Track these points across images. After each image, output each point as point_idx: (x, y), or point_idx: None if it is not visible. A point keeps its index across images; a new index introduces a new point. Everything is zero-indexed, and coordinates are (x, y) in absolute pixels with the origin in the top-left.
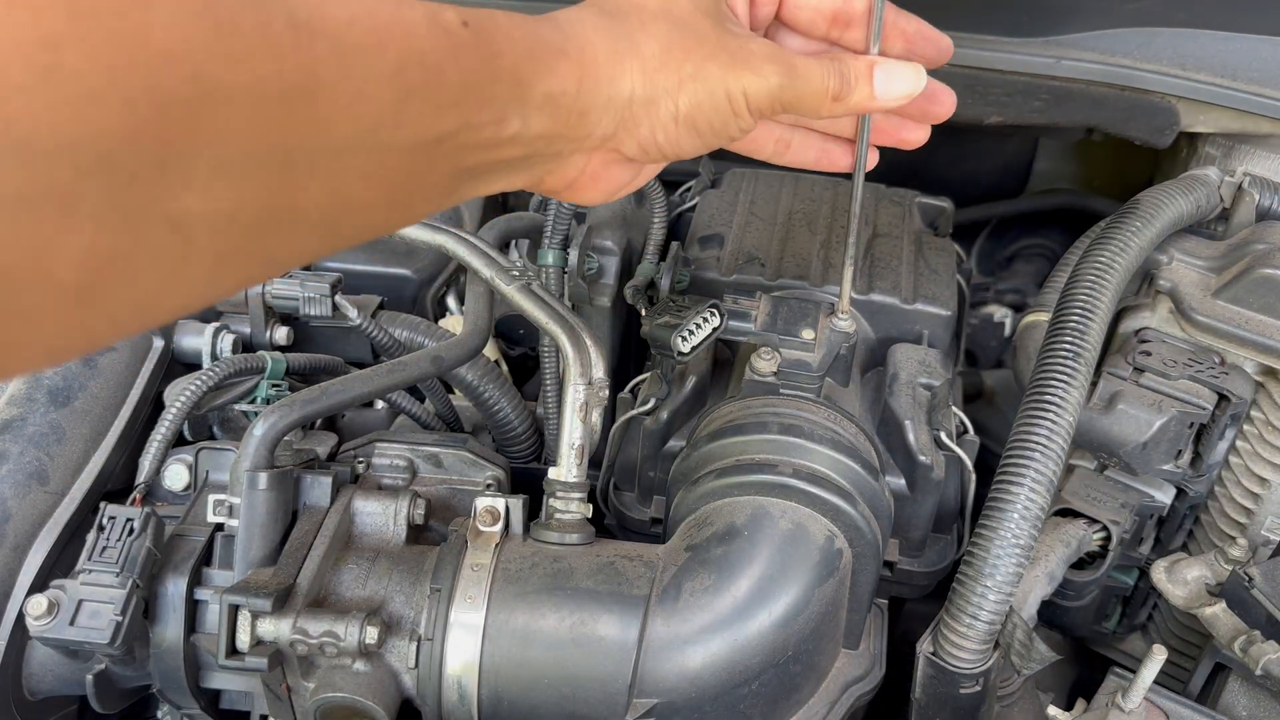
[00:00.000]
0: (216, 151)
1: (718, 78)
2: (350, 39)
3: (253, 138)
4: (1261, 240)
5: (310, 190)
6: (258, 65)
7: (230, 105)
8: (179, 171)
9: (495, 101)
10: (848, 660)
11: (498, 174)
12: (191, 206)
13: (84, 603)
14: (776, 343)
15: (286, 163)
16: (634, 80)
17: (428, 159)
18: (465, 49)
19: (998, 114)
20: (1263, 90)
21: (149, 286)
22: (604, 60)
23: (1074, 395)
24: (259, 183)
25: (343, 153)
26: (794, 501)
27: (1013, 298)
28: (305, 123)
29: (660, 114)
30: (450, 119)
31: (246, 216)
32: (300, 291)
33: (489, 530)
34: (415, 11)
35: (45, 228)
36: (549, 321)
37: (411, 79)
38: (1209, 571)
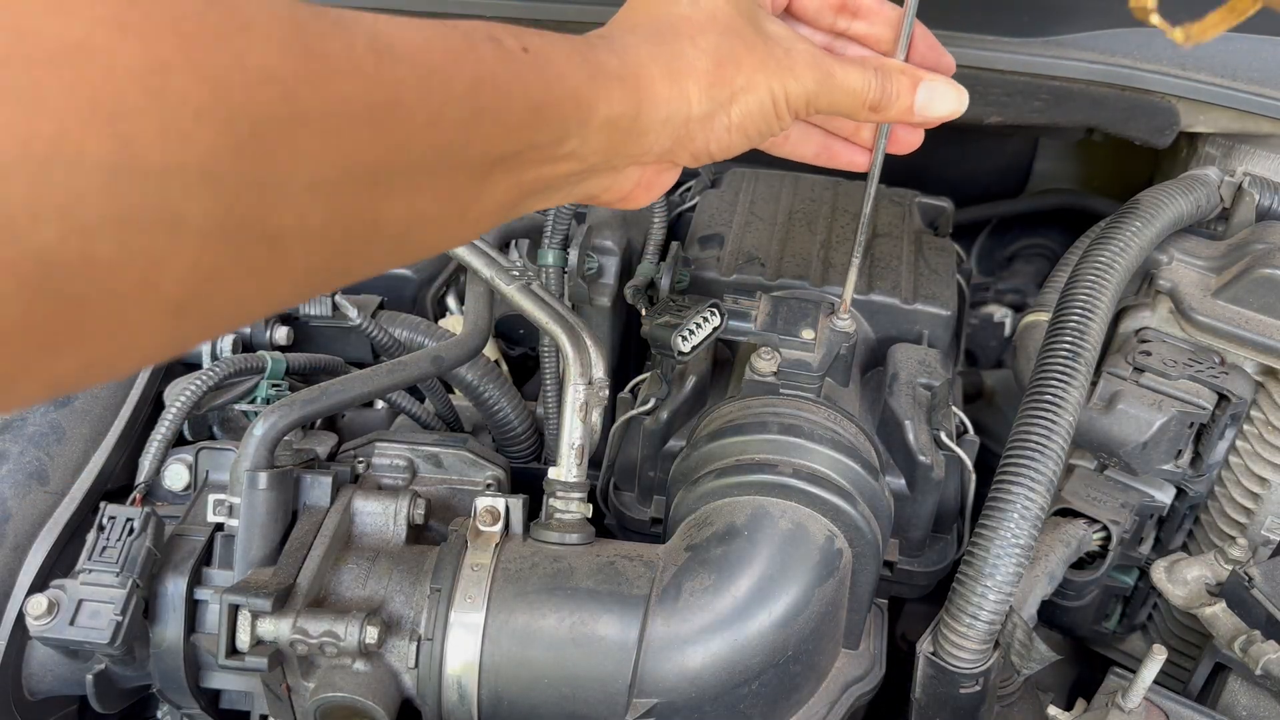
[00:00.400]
0: (310, 170)
1: (764, 85)
2: (427, 61)
3: (342, 156)
4: (1261, 240)
5: (391, 206)
6: (344, 86)
7: (321, 124)
8: (276, 190)
9: (557, 123)
10: (848, 660)
11: (556, 190)
12: (287, 224)
13: (84, 603)
14: (776, 343)
15: (372, 180)
16: (690, 99)
17: (493, 176)
18: (530, 72)
19: (998, 114)
20: (1263, 90)
21: (243, 298)
22: (660, 82)
23: (1074, 395)
24: (348, 200)
25: (421, 170)
26: (794, 501)
27: (1013, 298)
28: (389, 141)
29: (715, 127)
30: (516, 139)
31: (335, 232)
32: None
33: (489, 530)
34: (479, 34)
35: (156, 245)
36: (549, 321)
37: (483, 100)
38: (1209, 571)
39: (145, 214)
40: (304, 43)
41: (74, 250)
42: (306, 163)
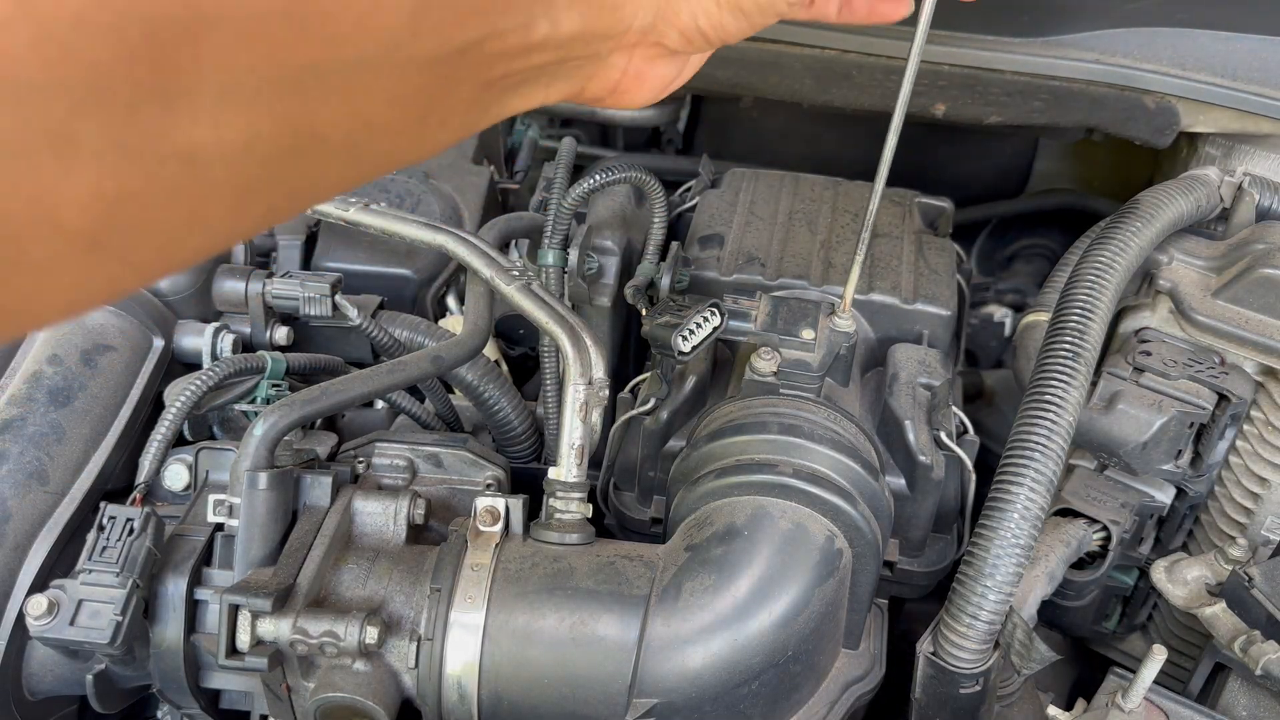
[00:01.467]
0: (221, 77)
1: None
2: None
3: (258, 60)
4: (1261, 240)
5: (327, 113)
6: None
7: (230, 25)
8: (182, 101)
9: (520, 4)
10: (848, 660)
11: (532, 85)
12: (203, 138)
13: (84, 603)
14: (776, 343)
15: (298, 85)
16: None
17: (452, 72)
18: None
19: (998, 114)
20: (1263, 90)
21: (168, 227)
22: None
23: (1074, 395)
24: (271, 108)
25: (358, 70)
26: (794, 501)
27: (1013, 298)
28: (315, 40)
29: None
30: (472, 27)
31: (263, 145)
32: (300, 291)
33: (489, 530)
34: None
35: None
36: (549, 321)
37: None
38: (1209, 571)
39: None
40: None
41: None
42: (216, 69)
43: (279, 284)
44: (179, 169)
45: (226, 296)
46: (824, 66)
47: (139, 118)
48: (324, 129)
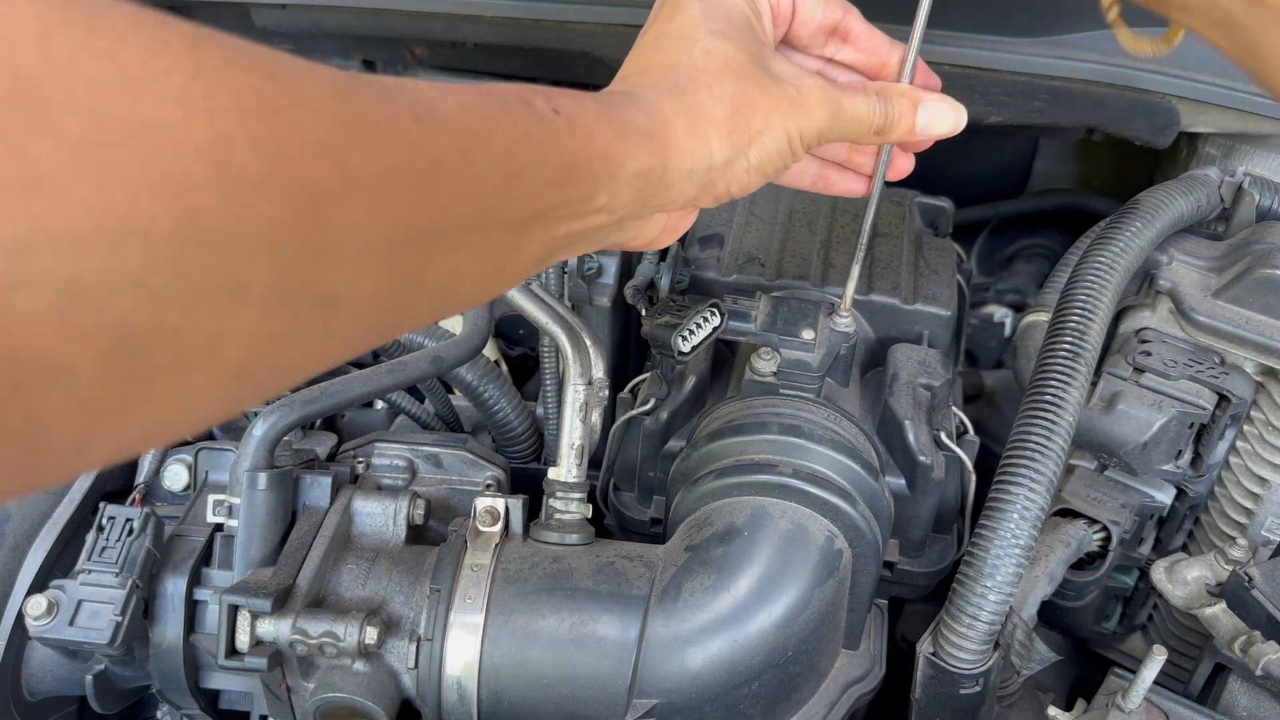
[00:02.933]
0: (362, 235)
1: (780, 126)
2: (466, 125)
3: (392, 220)
4: (1262, 240)
5: (435, 266)
6: (392, 153)
7: (372, 191)
8: (331, 255)
9: (589, 179)
10: (848, 660)
11: (586, 240)
12: (341, 287)
13: (84, 603)
14: (776, 343)
15: (419, 241)
16: (712, 148)
17: (527, 232)
18: (561, 132)
19: (998, 114)
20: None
21: (297, 361)
22: (684, 136)
23: (1074, 395)
24: (396, 262)
25: (462, 230)
26: (794, 502)
27: (1013, 298)
28: (434, 203)
29: (736, 170)
30: (550, 196)
31: (384, 294)
32: None
33: (489, 530)
34: (513, 98)
35: (220, 312)
36: (549, 321)
37: (519, 161)
38: (1209, 572)
39: (211, 282)
40: (353, 113)
41: (146, 319)
42: (359, 228)
43: None
44: (317, 313)
45: None
46: None
47: (297, 269)
48: (429, 278)
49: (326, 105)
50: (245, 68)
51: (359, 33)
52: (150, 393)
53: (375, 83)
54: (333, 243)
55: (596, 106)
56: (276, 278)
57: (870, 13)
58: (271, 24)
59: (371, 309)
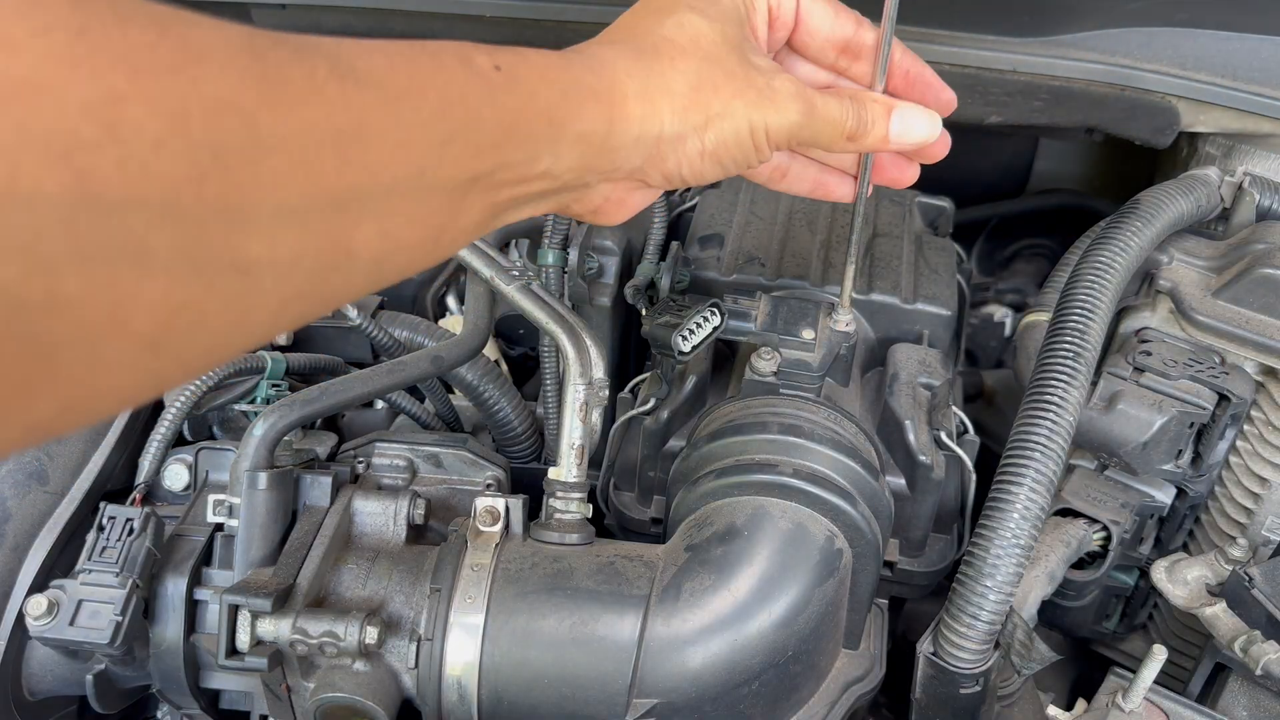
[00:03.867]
0: (276, 198)
1: (743, 114)
2: (394, 85)
3: (309, 183)
4: (1261, 240)
5: (363, 232)
6: (307, 112)
7: (285, 152)
8: (243, 219)
9: (530, 141)
10: (848, 660)
11: (526, 205)
12: (257, 253)
13: (84, 603)
14: (776, 343)
15: (341, 207)
16: (663, 119)
17: (465, 197)
18: (500, 91)
19: (998, 114)
20: (1263, 90)
21: (217, 332)
22: (634, 100)
23: (1074, 395)
24: (318, 227)
25: (391, 195)
26: (794, 501)
27: (1013, 297)
28: (357, 167)
29: (687, 149)
30: (488, 159)
31: (308, 261)
32: None
33: (489, 530)
34: (449, 57)
35: (123, 280)
36: (549, 321)
37: (453, 122)
38: (1209, 571)
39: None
40: (262, 70)
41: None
42: (273, 190)
43: None
44: (234, 280)
45: None
46: None
47: (205, 233)
48: (357, 247)
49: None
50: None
51: (359, 33)
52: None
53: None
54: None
55: (543, 63)
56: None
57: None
58: (271, 25)
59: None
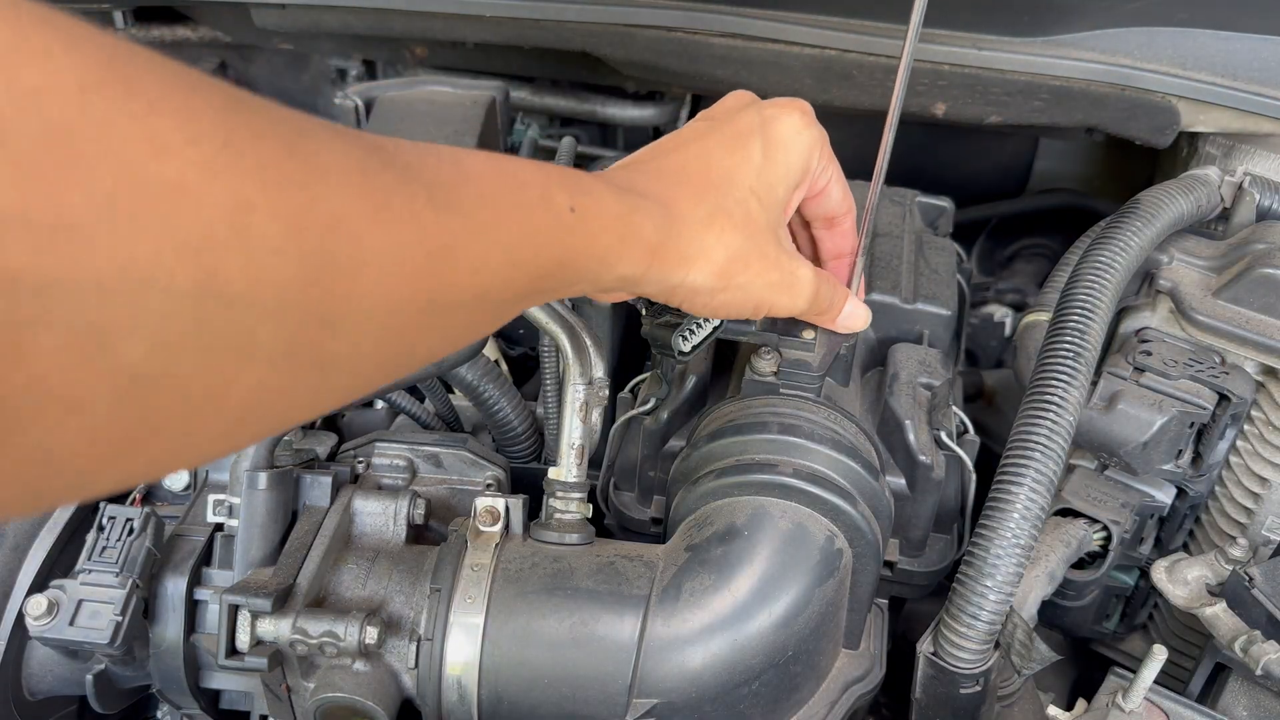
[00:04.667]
0: (367, 305)
1: (760, 293)
2: (480, 216)
3: (397, 295)
4: (1262, 240)
5: (429, 337)
6: (404, 233)
7: (381, 266)
8: (337, 321)
9: (580, 274)
10: (848, 660)
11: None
12: (340, 351)
13: (84, 603)
14: (776, 342)
15: (418, 315)
16: (695, 278)
17: (510, 309)
18: (568, 232)
19: (998, 114)
20: (1263, 90)
21: (291, 413)
22: (677, 260)
23: (1074, 395)
24: (395, 332)
25: (458, 309)
26: (794, 501)
27: (1013, 297)
28: (438, 284)
29: (697, 299)
30: (540, 284)
31: (380, 358)
32: None
33: (489, 530)
34: (532, 193)
35: (227, 366)
36: (549, 321)
37: (523, 253)
38: (1209, 571)
39: (223, 338)
40: (372, 190)
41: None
42: (365, 299)
43: None
44: (316, 373)
45: None
46: (824, 66)
47: (304, 331)
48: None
49: (348, 180)
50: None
51: (359, 32)
52: (157, 434)
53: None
54: (340, 310)
55: (616, 208)
56: (283, 337)
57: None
58: (271, 24)
59: (365, 370)
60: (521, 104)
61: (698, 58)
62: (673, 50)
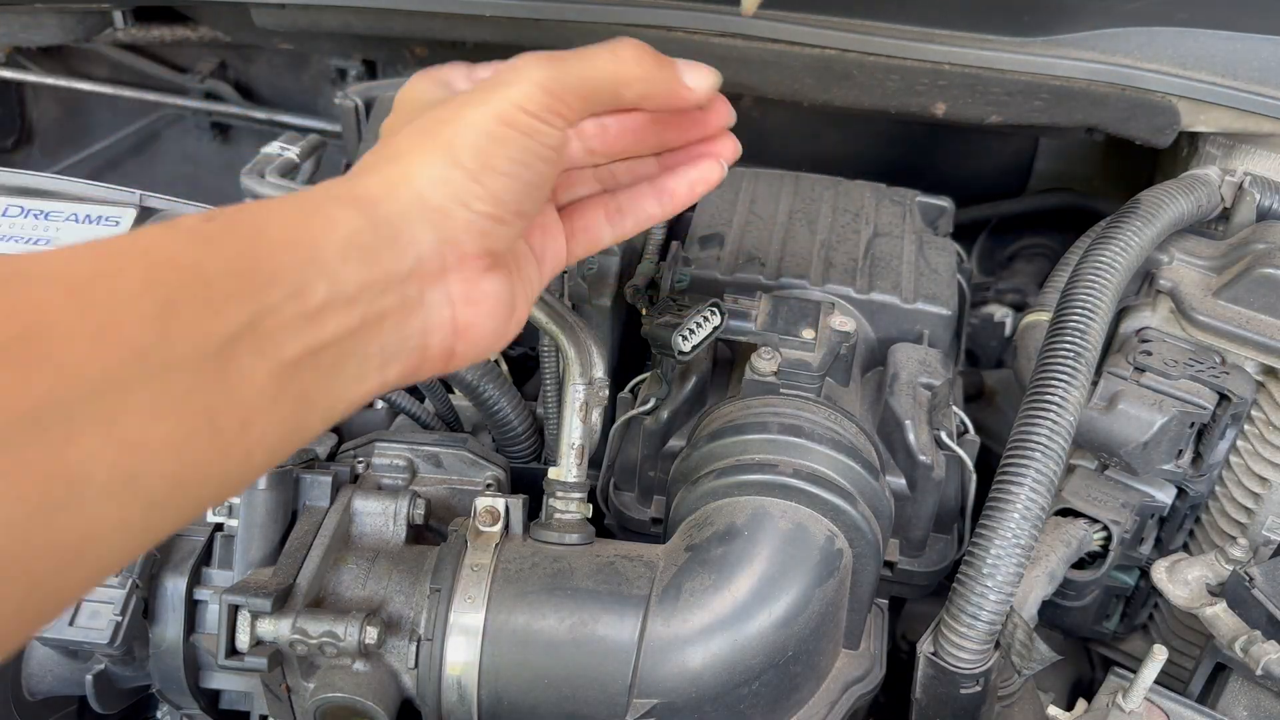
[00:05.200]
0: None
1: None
2: (77, 274)
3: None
4: (1262, 240)
5: (82, 447)
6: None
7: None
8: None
9: (282, 273)
10: (848, 660)
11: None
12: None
13: (83, 603)
14: (776, 342)
15: (37, 425)
16: (413, 178)
17: (229, 364)
18: (219, 238)
19: (998, 113)
20: (1263, 89)
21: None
22: (377, 186)
23: (1075, 395)
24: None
25: (106, 393)
26: (794, 501)
27: (1013, 297)
28: (47, 372)
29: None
30: (235, 311)
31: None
32: None
33: (489, 530)
34: (149, 230)
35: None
36: (549, 321)
37: (166, 289)
38: (1209, 571)
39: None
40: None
41: None
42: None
43: None
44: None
45: None
46: (824, 65)
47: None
48: (86, 466)
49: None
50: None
51: (358, 32)
52: None
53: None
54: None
55: (276, 201)
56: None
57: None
58: (271, 23)
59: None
60: None
61: (697, 58)
62: (672, 50)
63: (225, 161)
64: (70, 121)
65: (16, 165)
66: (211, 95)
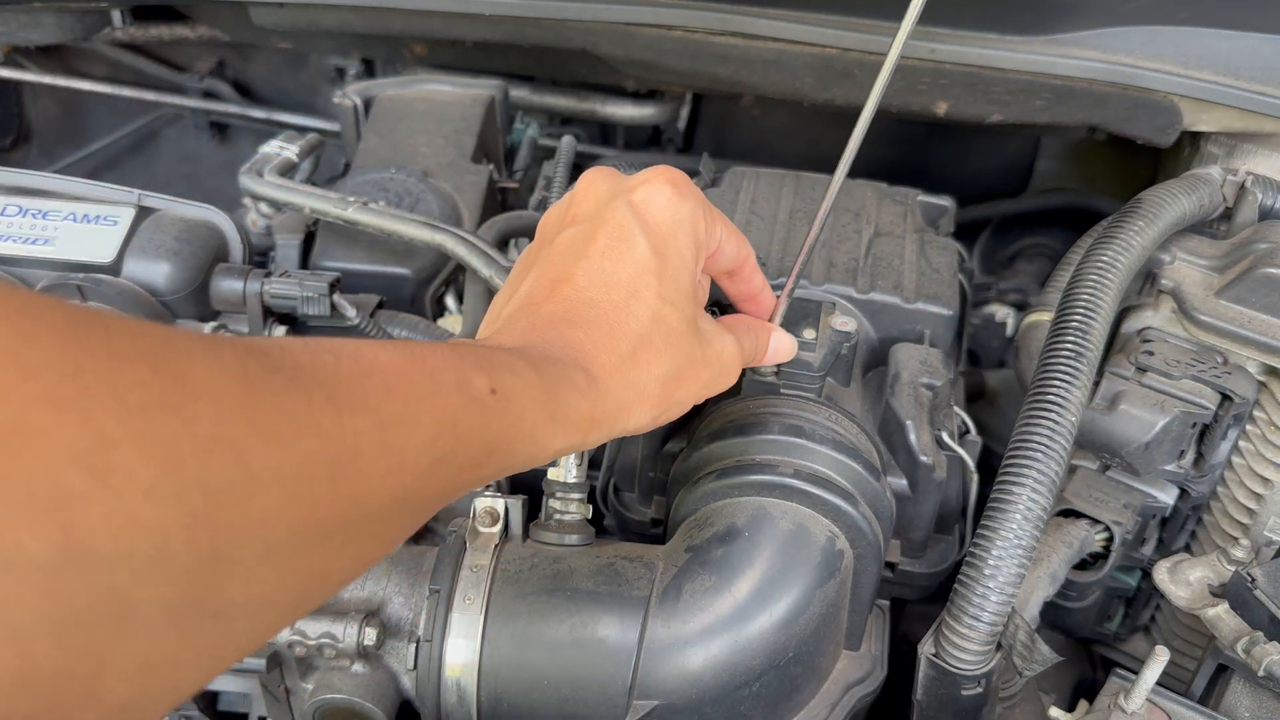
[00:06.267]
0: (263, 535)
1: (699, 392)
2: (389, 411)
3: (298, 516)
4: (1264, 239)
5: (340, 558)
6: (302, 444)
7: (276, 485)
8: (229, 562)
9: (509, 458)
10: (849, 662)
11: None
12: (235, 596)
13: None
14: None
15: (327, 538)
16: (635, 419)
17: (433, 508)
18: (492, 415)
19: (999, 113)
20: (1266, 89)
21: (181, 684)
22: (612, 416)
23: (1076, 395)
24: (300, 562)
25: (374, 520)
26: (795, 502)
27: (1015, 297)
28: (348, 498)
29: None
30: (467, 476)
31: (285, 596)
32: (298, 291)
33: (488, 531)
34: (447, 377)
35: (100, 644)
36: None
37: (443, 447)
38: (1211, 572)
39: (91, 610)
40: (255, 402)
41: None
42: (260, 528)
43: (277, 283)
44: (210, 628)
45: (224, 296)
46: (825, 65)
47: (191, 582)
48: (333, 574)
49: (225, 393)
50: (130, 358)
51: (358, 31)
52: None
53: (286, 361)
54: (231, 547)
55: (538, 383)
56: (167, 594)
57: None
58: (269, 22)
59: (267, 614)
60: (521, 103)
61: (698, 56)
62: (673, 49)
63: (224, 160)
64: (68, 120)
65: (14, 164)
66: (210, 94)
